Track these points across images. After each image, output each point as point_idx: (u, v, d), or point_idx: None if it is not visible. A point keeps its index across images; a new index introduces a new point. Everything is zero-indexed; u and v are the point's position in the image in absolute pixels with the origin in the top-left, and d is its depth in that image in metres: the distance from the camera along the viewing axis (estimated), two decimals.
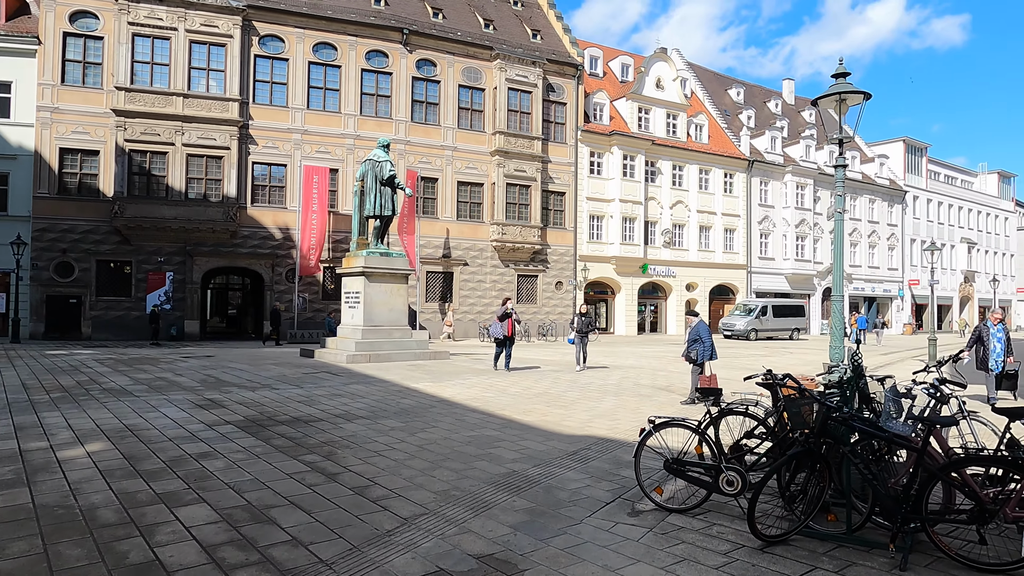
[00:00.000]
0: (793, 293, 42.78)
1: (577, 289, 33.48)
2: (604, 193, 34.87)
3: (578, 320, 15.43)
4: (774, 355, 23.64)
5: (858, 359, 5.20)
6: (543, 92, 32.53)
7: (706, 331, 11.00)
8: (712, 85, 46.27)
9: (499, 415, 9.39)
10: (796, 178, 42.71)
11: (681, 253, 38.18)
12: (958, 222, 57.12)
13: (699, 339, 10.95)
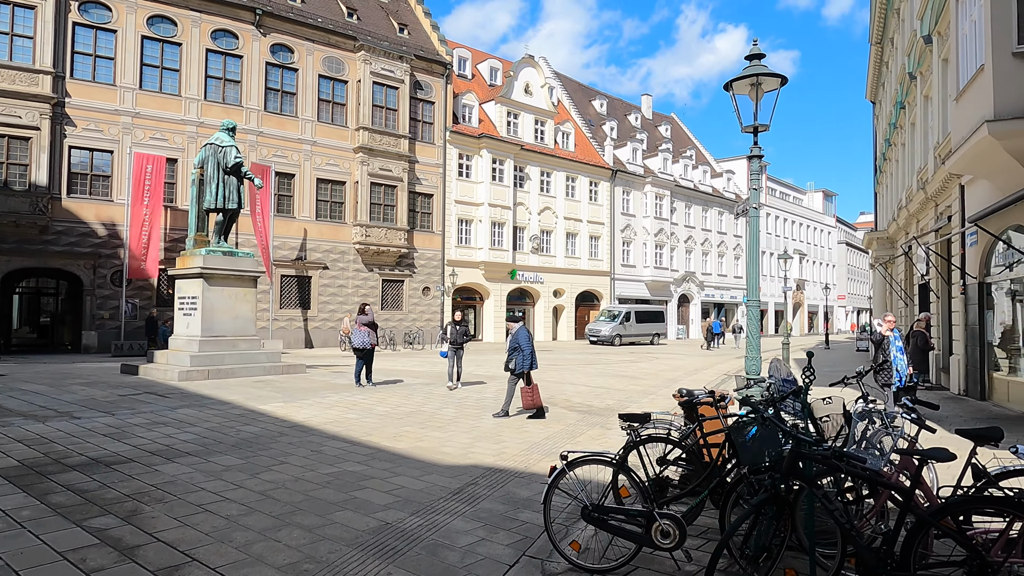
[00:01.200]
0: (652, 299, 44.33)
1: (445, 295, 32.24)
2: (473, 196, 33.97)
3: (451, 329, 13.16)
4: (642, 361, 23.80)
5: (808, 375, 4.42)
6: (410, 89, 31.05)
7: (526, 338, 10.13)
8: (577, 95, 47.06)
9: (365, 442, 7.92)
10: (655, 189, 44.36)
11: (549, 259, 38.15)
12: (791, 235, 62.51)
13: (518, 347, 10.04)
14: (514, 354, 10.11)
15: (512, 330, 10.44)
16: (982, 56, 9.93)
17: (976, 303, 12.23)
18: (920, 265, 16.89)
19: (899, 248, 21.40)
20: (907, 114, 20.09)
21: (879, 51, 28.84)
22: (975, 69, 10.40)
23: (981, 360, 12.03)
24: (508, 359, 10.22)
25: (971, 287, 12.46)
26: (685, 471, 5.28)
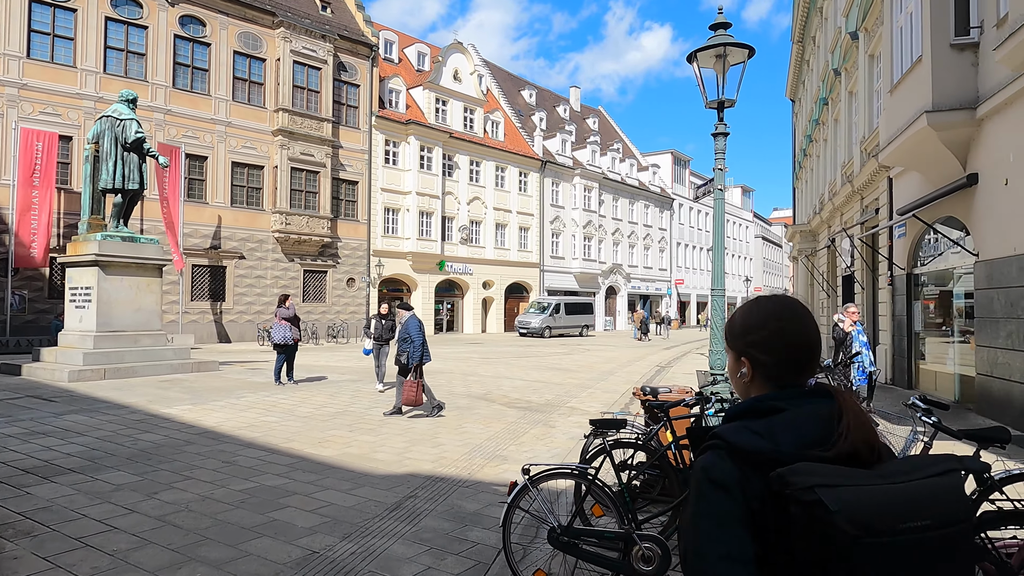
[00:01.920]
0: (581, 291, 44.46)
1: (371, 287, 31.05)
2: (400, 185, 32.85)
3: (376, 324, 11.68)
4: (575, 353, 23.57)
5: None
6: (334, 71, 29.57)
7: (417, 328, 9.37)
8: (507, 85, 46.48)
9: (286, 450, 7.06)
10: (584, 181, 44.43)
11: (478, 250, 37.49)
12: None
13: (409, 338, 9.29)
14: (404, 346, 9.32)
15: (402, 319, 9.63)
16: (919, 48, 9.97)
17: (904, 294, 12.47)
18: (844, 257, 17.29)
19: (821, 241, 22.00)
20: (830, 110, 20.59)
21: (800, 49, 29.67)
22: (911, 61, 10.47)
23: (908, 350, 12.28)
24: (398, 352, 9.47)
25: (899, 278, 12.70)
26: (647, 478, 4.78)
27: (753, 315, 1.26)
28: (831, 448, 1.07)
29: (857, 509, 0.95)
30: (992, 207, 8.82)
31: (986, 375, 8.98)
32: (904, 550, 0.97)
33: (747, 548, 1.01)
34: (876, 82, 15.22)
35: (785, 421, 1.12)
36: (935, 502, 1.01)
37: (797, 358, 1.20)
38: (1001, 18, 8.37)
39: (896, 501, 0.99)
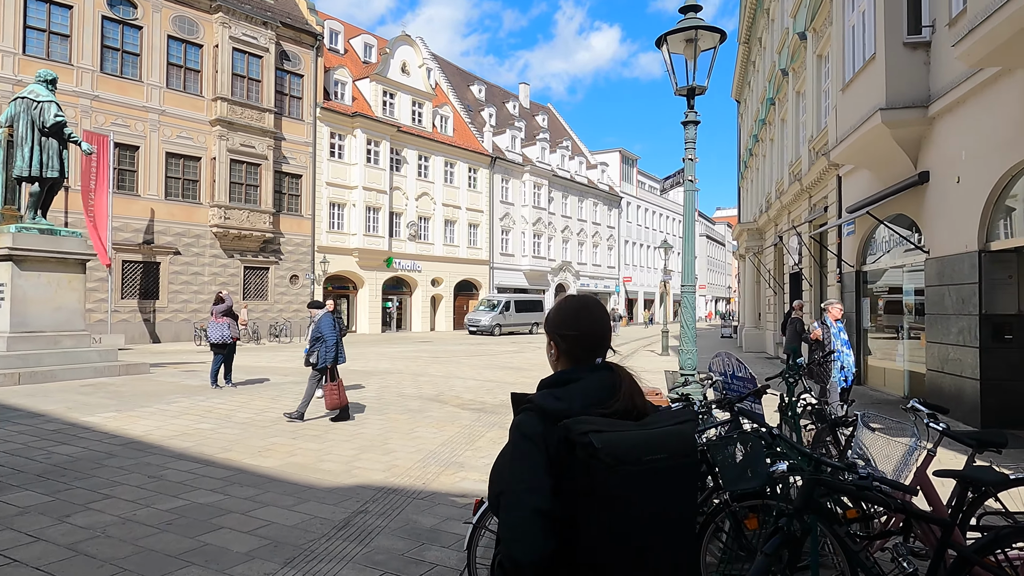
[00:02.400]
0: (530, 289, 44.32)
1: (316, 283, 30.05)
2: (346, 179, 31.91)
3: None
4: (526, 351, 23.29)
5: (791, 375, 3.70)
6: (276, 59, 28.44)
7: (330, 326, 8.88)
8: (456, 79, 45.87)
9: (221, 461, 6.47)
10: (534, 178, 44.26)
11: (427, 247, 36.84)
12: (659, 227, 65.29)
13: (321, 337, 8.80)
14: (316, 345, 8.84)
15: (314, 317, 9.19)
16: (872, 46, 10.01)
17: (852, 291, 12.62)
18: (792, 254, 17.52)
19: (768, 239, 22.35)
20: (777, 110, 20.89)
21: (747, 50, 30.13)
22: (864, 60, 10.53)
23: (857, 346, 12.42)
24: (309, 351, 9.00)
25: (847, 275, 12.85)
26: None
27: (561, 310, 1.66)
28: (609, 406, 1.46)
29: (615, 447, 1.33)
30: (943, 205, 8.91)
31: (937, 371, 9.07)
32: (645, 474, 1.37)
33: (545, 483, 1.37)
34: (824, 82, 15.42)
35: (578, 388, 1.48)
36: (670, 442, 1.42)
37: (589, 342, 1.58)
38: (954, 17, 8.42)
39: (644, 442, 1.38)
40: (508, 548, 1.36)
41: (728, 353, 4.43)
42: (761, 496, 3.01)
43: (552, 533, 1.35)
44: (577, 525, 1.36)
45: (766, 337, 22.51)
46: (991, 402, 7.86)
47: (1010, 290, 7.96)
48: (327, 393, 8.64)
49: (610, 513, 1.35)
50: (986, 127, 7.82)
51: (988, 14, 6.38)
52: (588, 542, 1.36)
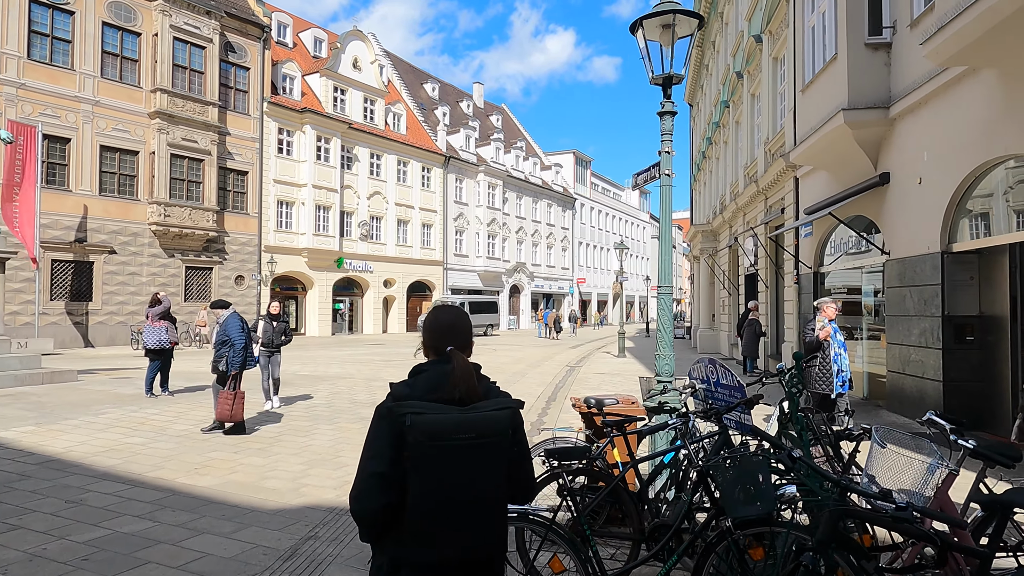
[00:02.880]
0: (484, 290, 43.89)
1: (262, 285, 28.96)
2: (295, 176, 30.87)
3: (264, 326, 9.55)
4: (481, 354, 22.85)
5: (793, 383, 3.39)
6: (221, 51, 27.27)
7: (238, 328, 8.02)
8: (409, 77, 45.12)
9: (153, 481, 5.85)
10: (488, 178, 43.87)
11: (379, 247, 36.01)
12: (612, 228, 65.75)
13: (228, 340, 7.98)
14: (223, 350, 8.02)
15: (220, 318, 8.32)
16: (833, 47, 9.98)
17: (810, 292, 12.64)
18: (748, 256, 17.59)
19: (723, 240, 22.50)
20: (731, 113, 21.03)
21: (699, 53, 30.42)
22: (824, 60, 10.50)
23: None
24: (216, 357, 8.17)
25: (805, 277, 12.88)
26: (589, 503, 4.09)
27: (428, 315, 2.13)
28: (445, 392, 1.81)
29: (428, 426, 1.72)
30: (904, 206, 8.89)
31: (898, 372, 9.06)
32: (455, 449, 1.75)
33: (386, 453, 1.75)
34: (780, 84, 15.50)
35: (423, 377, 1.87)
36: (480, 425, 1.78)
37: (438, 341, 1.96)
38: (916, 18, 8.41)
39: (456, 423, 1.76)
40: (350, 503, 1.78)
41: (712, 359, 4.11)
42: (768, 523, 2.67)
43: (387, 492, 1.74)
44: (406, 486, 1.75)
45: (721, 338, 22.66)
46: (953, 403, 7.83)
47: (971, 291, 7.96)
48: (220, 401, 7.74)
49: (427, 478, 1.74)
50: (949, 128, 7.80)
51: (958, 12, 6.29)
52: (412, 500, 1.74)
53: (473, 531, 1.79)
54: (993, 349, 7.81)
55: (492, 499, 1.82)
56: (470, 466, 1.77)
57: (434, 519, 1.75)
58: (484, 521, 1.81)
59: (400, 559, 1.78)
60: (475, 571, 1.82)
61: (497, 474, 1.82)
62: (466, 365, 1.86)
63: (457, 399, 1.80)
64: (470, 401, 1.81)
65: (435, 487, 1.74)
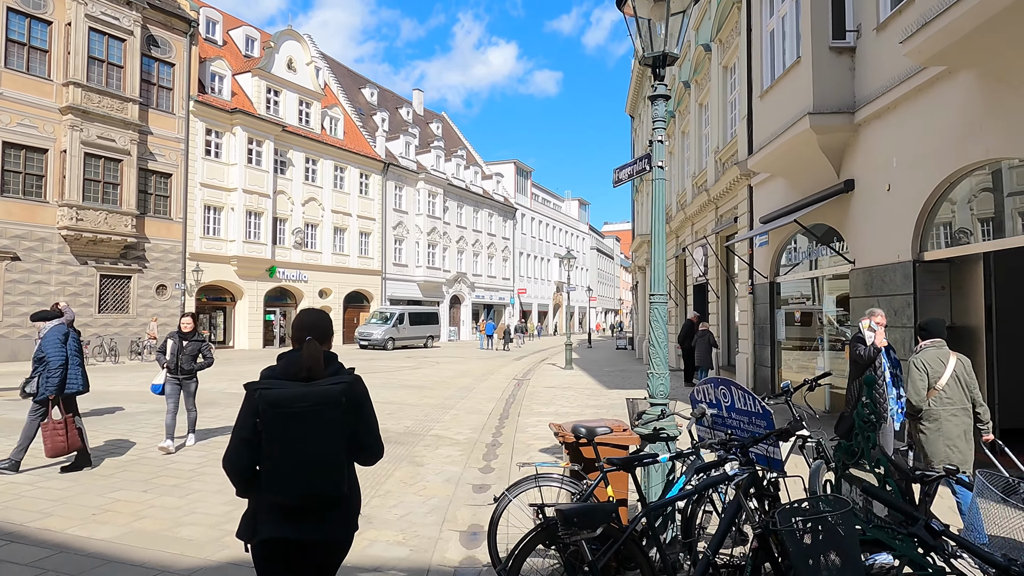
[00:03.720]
0: (424, 300, 42.83)
1: (187, 294, 27.11)
2: (224, 180, 29.16)
3: (172, 345, 7.94)
4: (424, 367, 21.90)
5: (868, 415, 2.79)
6: (142, 44, 25.48)
7: (57, 344, 6.63)
8: (346, 81, 43.77)
9: (34, 534, 4.79)
10: (428, 186, 42.93)
11: (314, 256, 34.50)
12: (552, 239, 65.75)
13: (44, 358, 6.62)
14: (39, 370, 6.63)
15: (40, 332, 6.91)
16: (795, 51, 9.74)
17: (766, 302, 12.41)
18: (698, 266, 17.40)
19: (670, 251, 22.37)
20: (678, 123, 20.96)
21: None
22: (784, 65, 10.26)
23: (771, 359, 12.20)
24: (28, 377, 6.79)
25: (760, 287, 12.65)
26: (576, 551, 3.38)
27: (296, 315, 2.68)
28: (296, 373, 2.34)
29: (273, 397, 2.22)
30: (870, 214, 8.65)
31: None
32: (294, 415, 2.23)
33: (249, 421, 2.27)
34: (731, 93, 15.38)
35: (282, 361, 2.41)
36: (315, 395, 2.26)
37: (299, 333, 2.46)
38: (883, 21, 8.19)
39: (297, 394, 2.24)
40: (223, 463, 2.34)
41: (726, 380, 3.50)
42: None
43: (250, 453, 2.29)
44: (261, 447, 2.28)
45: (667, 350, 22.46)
46: None
47: (942, 301, 7.72)
48: (47, 434, 6.45)
49: (272, 437, 2.25)
50: (920, 133, 7.56)
51: (943, 8, 5.98)
52: (263, 455, 2.27)
53: (309, 478, 2.24)
54: None
55: (326, 453, 2.27)
56: (307, 427, 2.24)
57: (278, 469, 2.23)
58: (319, 470, 2.26)
59: (259, 504, 2.31)
60: (312, 510, 2.30)
61: (331, 434, 2.28)
62: (314, 351, 2.36)
63: (305, 377, 2.32)
64: (316, 378, 2.33)
65: (279, 444, 2.23)
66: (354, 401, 2.37)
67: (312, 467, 2.25)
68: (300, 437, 2.23)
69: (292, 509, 2.27)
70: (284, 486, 2.23)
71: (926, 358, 4.94)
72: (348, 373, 2.43)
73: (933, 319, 5.36)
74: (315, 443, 2.25)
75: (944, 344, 5.04)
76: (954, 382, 4.79)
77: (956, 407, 4.77)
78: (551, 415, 11.01)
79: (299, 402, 2.24)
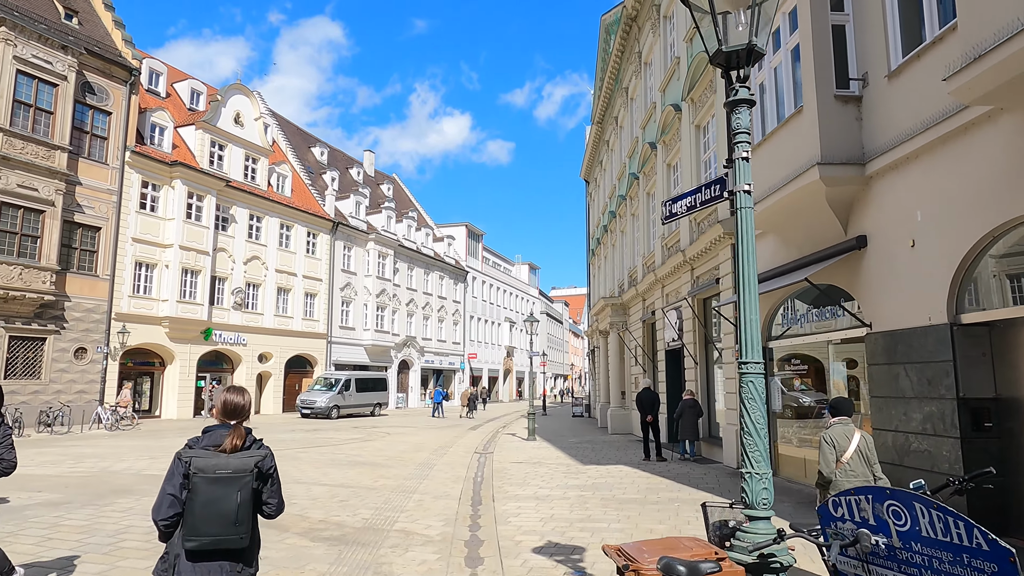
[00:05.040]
0: (371, 365, 40.81)
1: (110, 359, 24.64)
2: (160, 236, 27.19)
3: None
4: (374, 438, 20.07)
5: None
6: (77, 91, 23.89)
7: None
8: (296, 139, 42.67)
9: None
10: (379, 247, 41.64)
11: (255, 317, 32.36)
12: (503, 303, 64.83)
13: None
14: None
15: None
16: (792, 102, 9.20)
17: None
18: (671, 330, 16.56)
19: (635, 315, 21.57)
20: (642, 185, 20.57)
21: (600, 130, 30.64)
22: (778, 118, 9.72)
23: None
24: None
25: None
26: None
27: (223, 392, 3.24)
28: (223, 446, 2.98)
29: (200, 464, 2.89)
30: (891, 272, 7.90)
31: (895, 464, 7.79)
32: (217, 479, 2.88)
33: (177, 479, 2.90)
34: (704, 152, 14.97)
35: (211, 434, 3.04)
36: (235, 464, 2.93)
37: (227, 415, 3.12)
38: (896, 67, 7.66)
39: (219, 463, 2.91)
40: (152, 513, 2.93)
41: (899, 491, 2.35)
42: None
43: (175, 506, 2.90)
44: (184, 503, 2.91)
45: (633, 418, 21.33)
46: (976, 502, 6.58)
47: (984, 369, 6.90)
48: None
49: (195, 495, 2.87)
50: (951, 184, 6.90)
51: (999, 41, 5.35)
52: (186, 509, 2.89)
53: (221, 529, 2.89)
54: (1015, 437, 6.71)
55: (236, 510, 2.92)
56: (224, 489, 2.91)
57: (197, 520, 2.88)
58: (230, 524, 2.91)
59: (178, 548, 2.93)
60: (222, 554, 2.95)
61: (243, 494, 2.95)
62: (240, 432, 3.06)
63: (227, 450, 2.99)
64: (236, 451, 3.01)
65: (201, 501, 2.88)
66: (265, 471, 3.06)
67: (224, 521, 2.89)
68: (217, 497, 2.89)
69: (205, 553, 2.90)
70: (200, 535, 2.87)
71: (834, 434, 5.52)
72: (260, 446, 3.11)
73: (842, 399, 5.96)
74: (228, 502, 2.90)
75: (851, 422, 5.63)
76: (857, 456, 5.37)
77: (859, 479, 5.28)
78: (530, 498, 9.62)
79: (221, 469, 2.92)
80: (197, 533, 2.83)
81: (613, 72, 25.18)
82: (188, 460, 2.90)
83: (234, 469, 2.90)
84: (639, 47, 21.29)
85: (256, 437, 3.12)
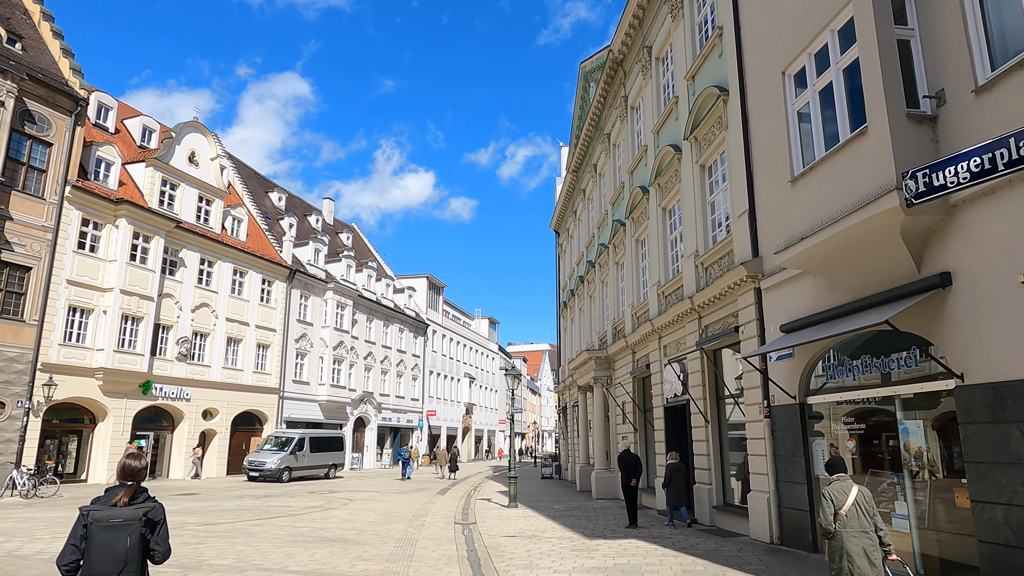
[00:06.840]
0: (326, 423, 38.16)
1: (31, 414, 21.80)
2: (99, 279, 24.78)
3: None
4: (334, 506, 17.82)
5: None
6: (15, 118, 21.85)
7: None
8: (253, 183, 40.84)
9: None
10: (337, 296, 39.62)
11: (201, 370, 29.73)
12: (462, 357, 62.81)
13: None
14: None
15: None
16: (847, 124, 8.22)
17: (794, 428, 10.20)
18: (672, 385, 15.22)
19: (620, 369, 20.21)
20: (629, 231, 19.57)
21: (575, 179, 29.91)
22: (825, 147, 8.72)
23: (809, 501, 9.81)
24: None
25: (783, 408, 10.47)
26: None
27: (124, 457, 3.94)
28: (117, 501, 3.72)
29: (96, 515, 3.62)
30: (991, 313, 6.74)
31: (1000, 544, 6.47)
32: (110, 526, 3.61)
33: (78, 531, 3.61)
34: (710, 193, 14.02)
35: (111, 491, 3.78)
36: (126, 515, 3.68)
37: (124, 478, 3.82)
38: (989, 79, 6.72)
39: (112, 514, 3.65)
40: (56, 561, 3.55)
41: None
42: None
43: (75, 553, 3.55)
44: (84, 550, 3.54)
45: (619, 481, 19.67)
46: None
47: None
48: None
49: (91, 542, 3.55)
50: None
51: None
52: (85, 554, 3.53)
53: (114, 567, 3.53)
54: None
55: (127, 554, 3.56)
56: (115, 535, 3.56)
57: (93, 562, 3.51)
58: (121, 562, 3.54)
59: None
60: None
61: (132, 539, 3.60)
62: (130, 490, 3.74)
63: (119, 504, 3.65)
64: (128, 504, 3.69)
65: (96, 544, 3.53)
66: (153, 520, 3.74)
67: (116, 561, 3.54)
68: (110, 541, 3.56)
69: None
70: (96, 574, 3.52)
71: (832, 490, 5.93)
72: (150, 500, 3.80)
73: (837, 458, 6.45)
74: (119, 545, 3.57)
75: (847, 478, 6.06)
76: (855, 509, 5.73)
77: (856, 530, 5.68)
78: None
79: (114, 519, 3.61)
80: (93, 573, 3.51)
81: (594, 118, 24.55)
82: (87, 512, 3.60)
83: (125, 518, 3.63)
84: (625, 91, 20.66)
85: (150, 495, 3.83)
